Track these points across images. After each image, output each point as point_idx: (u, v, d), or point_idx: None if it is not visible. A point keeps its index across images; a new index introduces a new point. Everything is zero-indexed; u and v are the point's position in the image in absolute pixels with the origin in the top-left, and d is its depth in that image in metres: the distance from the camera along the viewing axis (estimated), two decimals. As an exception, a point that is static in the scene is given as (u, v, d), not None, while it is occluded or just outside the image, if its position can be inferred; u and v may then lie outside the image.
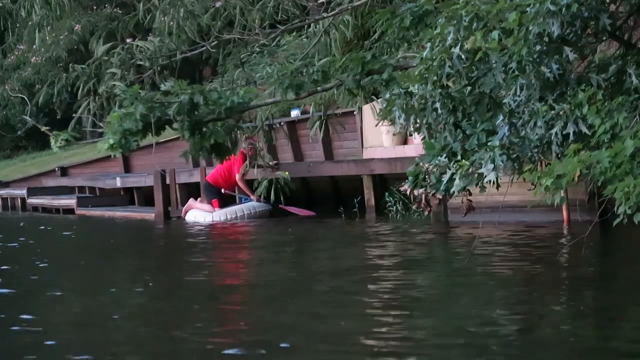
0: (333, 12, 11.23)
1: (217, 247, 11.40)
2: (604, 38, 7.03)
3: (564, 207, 10.01)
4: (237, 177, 14.51)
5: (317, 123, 14.67)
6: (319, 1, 14.73)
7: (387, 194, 13.03)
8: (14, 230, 15.84)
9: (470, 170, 6.58)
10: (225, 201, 14.70)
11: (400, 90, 6.95)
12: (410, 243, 10.14)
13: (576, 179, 5.85)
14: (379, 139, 14.44)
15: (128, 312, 6.53)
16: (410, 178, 7.39)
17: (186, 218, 14.87)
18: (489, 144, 6.56)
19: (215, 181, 14.82)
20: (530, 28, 6.13)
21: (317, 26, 14.26)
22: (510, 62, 6.26)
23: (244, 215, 14.30)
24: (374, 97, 12.30)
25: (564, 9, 6.06)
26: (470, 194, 7.16)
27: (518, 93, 6.33)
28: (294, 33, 17.00)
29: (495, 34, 6.28)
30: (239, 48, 15.08)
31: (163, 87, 8.99)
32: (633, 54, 6.94)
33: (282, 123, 16.44)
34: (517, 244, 9.09)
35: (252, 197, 14.40)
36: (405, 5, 8.08)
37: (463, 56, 6.50)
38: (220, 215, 14.42)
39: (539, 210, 10.17)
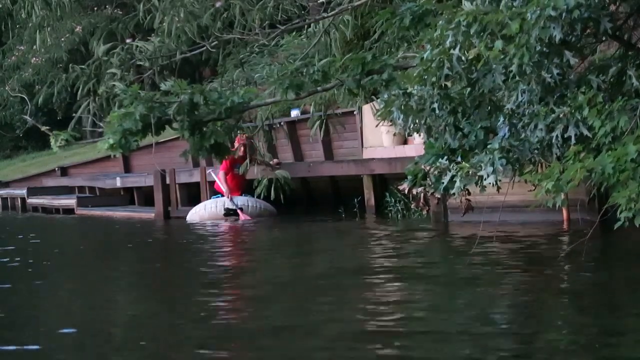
0: (333, 12, 11.23)
1: (216, 248, 11.38)
2: (604, 39, 7.03)
3: (564, 208, 10.00)
4: (221, 173, 14.64)
5: (317, 123, 14.67)
6: (319, 1, 14.71)
7: (387, 194, 13.02)
8: (14, 230, 15.83)
9: (470, 172, 6.59)
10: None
11: (399, 91, 6.96)
12: (410, 243, 10.13)
13: (576, 182, 5.86)
14: (379, 139, 14.43)
15: (127, 313, 6.52)
16: (409, 177, 7.40)
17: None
18: (488, 146, 6.56)
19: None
20: (531, 33, 6.12)
21: (317, 26, 14.24)
22: (511, 65, 6.26)
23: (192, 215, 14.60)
24: (374, 97, 12.30)
25: (564, 13, 6.05)
26: (469, 194, 7.16)
27: (519, 98, 6.34)
28: (294, 33, 16.98)
29: (498, 43, 6.28)
30: (239, 48, 15.06)
31: (163, 87, 8.99)
32: (633, 55, 6.94)
33: (282, 123, 16.43)
34: (518, 244, 9.07)
35: (224, 190, 14.53)
36: (405, 5, 8.08)
37: (462, 58, 6.51)
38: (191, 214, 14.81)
39: (539, 210, 10.14)
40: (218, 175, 14.74)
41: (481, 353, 4.69)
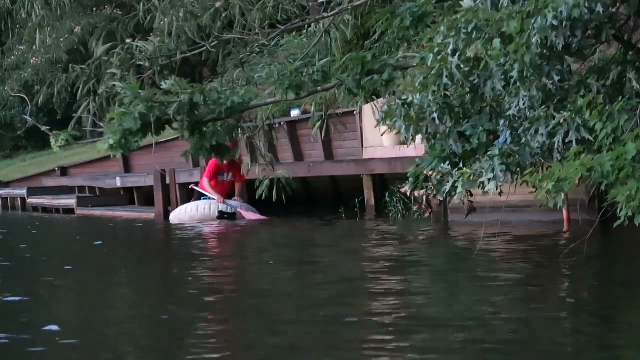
0: (333, 12, 11.21)
1: (216, 248, 11.39)
2: (604, 40, 7.02)
3: (564, 208, 9.99)
4: (205, 180, 14.56)
5: (318, 123, 14.66)
6: (319, 1, 14.71)
7: (387, 194, 13.00)
8: (14, 230, 15.83)
9: (471, 177, 6.60)
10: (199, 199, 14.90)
11: (398, 101, 6.98)
12: (411, 244, 10.13)
13: (577, 182, 5.86)
14: (379, 139, 14.40)
15: (125, 312, 6.51)
16: (410, 179, 7.40)
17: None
18: (488, 152, 6.56)
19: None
20: (533, 39, 6.12)
21: (317, 26, 14.23)
22: (511, 71, 6.25)
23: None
24: (374, 97, 12.29)
25: (565, 20, 6.05)
26: (471, 195, 7.16)
27: (521, 105, 6.34)
28: (294, 33, 16.98)
29: (497, 42, 6.27)
30: (239, 48, 15.05)
31: (163, 86, 8.97)
32: (633, 58, 6.94)
33: (282, 123, 16.42)
34: (518, 244, 9.07)
35: (215, 196, 14.44)
36: (405, 5, 8.07)
37: (462, 65, 6.50)
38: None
39: (539, 210, 10.12)
40: (202, 185, 14.68)
41: (482, 352, 4.69)
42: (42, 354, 5.13)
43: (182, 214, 14.57)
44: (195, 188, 14.87)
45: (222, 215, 14.23)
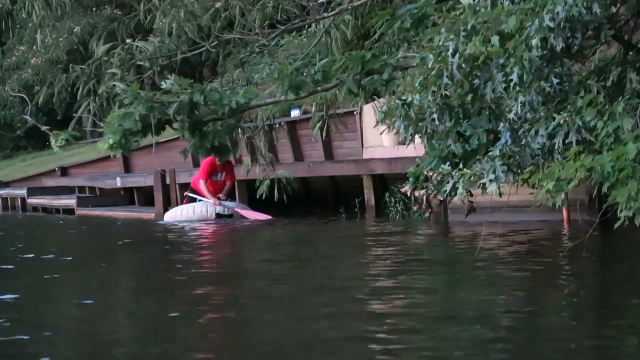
0: (333, 12, 11.22)
1: (216, 248, 11.38)
2: (603, 40, 7.03)
3: (564, 207, 10.00)
4: (201, 182, 14.49)
5: (319, 123, 14.67)
6: (319, 1, 14.72)
7: (387, 194, 13.01)
8: (14, 230, 15.83)
9: (472, 178, 6.61)
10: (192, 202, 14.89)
11: (398, 102, 6.98)
12: (411, 244, 10.13)
13: (576, 181, 5.86)
14: (379, 139, 14.43)
15: (126, 314, 6.52)
16: (410, 179, 7.40)
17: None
18: (489, 153, 6.56)
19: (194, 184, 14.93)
20: (532, 40, 6.12)
21: (318, 26, 14.24)
22: (511, 74, 6.25)
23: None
24: (374, 97, 12.30)
25: (562, 22, 6.05)
26: (471, 195, 7.17)
27: (520, 111, 6.35)
28: (294, 33, 16.98)
29: (495, 39, 6.28)
30: (239, 48, 15.06)
31: (164, 85, 8.98)
32: (632, 58, 6.95)
33: (282, 123, 16.42)
34: (518, 244, 9.07)
35: (211, 199, 14.39)
36: (405, 7, 8.08)
37: (463, 65, 6.51)
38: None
39: (539, 210, 10.13)
40: (198, 185, 14.63)
41: (483, 350, 4.69)
42: (41, 352, 5.13)
43: (178, 215, 14.52)
44: (190, 195, 14.80)
45: (219, 216, 14.22)
